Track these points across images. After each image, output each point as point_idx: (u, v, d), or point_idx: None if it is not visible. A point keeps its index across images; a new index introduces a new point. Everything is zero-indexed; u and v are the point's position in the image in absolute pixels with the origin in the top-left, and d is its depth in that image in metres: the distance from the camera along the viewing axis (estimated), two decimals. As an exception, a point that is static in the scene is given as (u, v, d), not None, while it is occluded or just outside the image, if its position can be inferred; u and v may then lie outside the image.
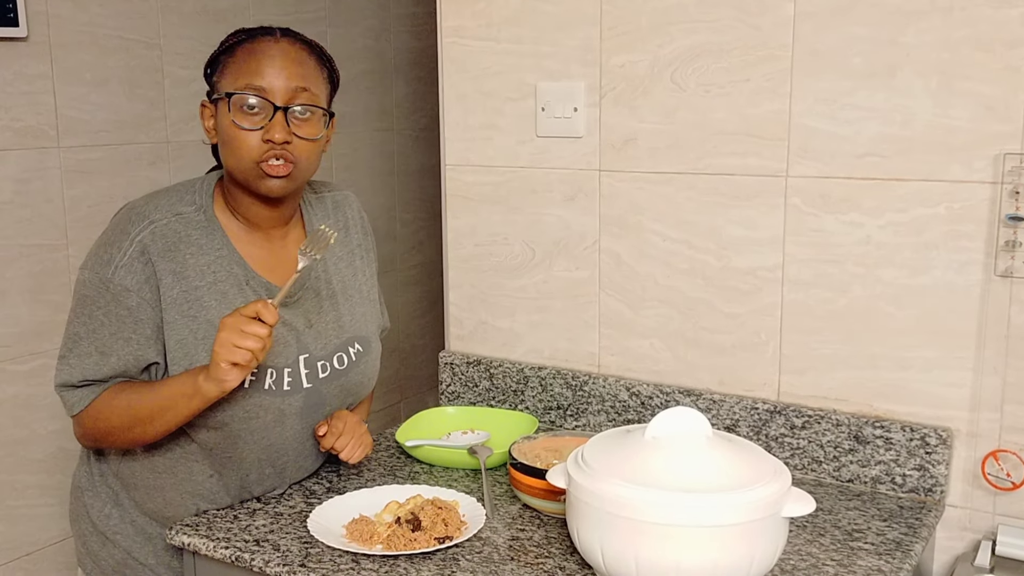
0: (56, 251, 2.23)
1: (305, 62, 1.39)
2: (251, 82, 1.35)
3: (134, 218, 1.39)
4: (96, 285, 1.37)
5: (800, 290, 1.60)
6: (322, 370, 1.48)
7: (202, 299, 1.38)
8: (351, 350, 1.52)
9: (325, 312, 1.50)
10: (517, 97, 1.82)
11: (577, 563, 1.32)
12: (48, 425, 2.25)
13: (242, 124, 1.35)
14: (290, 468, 1.53)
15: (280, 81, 1.36)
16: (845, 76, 1.52)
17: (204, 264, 1.39)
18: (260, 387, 1.41)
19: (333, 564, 1.31)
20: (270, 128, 1.35)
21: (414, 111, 3.36)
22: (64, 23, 2.20)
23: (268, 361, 1.41)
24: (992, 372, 1.48)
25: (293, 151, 1.36)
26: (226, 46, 1.41)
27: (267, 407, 1.42)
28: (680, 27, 1.63)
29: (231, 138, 1.36)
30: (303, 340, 1.46)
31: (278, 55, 1.37)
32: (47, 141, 2.19)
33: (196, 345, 1.38)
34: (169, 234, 1.38)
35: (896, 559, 1.34)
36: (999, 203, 1.44)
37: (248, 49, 1.38)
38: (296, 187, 1.42)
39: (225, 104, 1.36)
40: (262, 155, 1.35)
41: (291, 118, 1.36)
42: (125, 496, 1.52)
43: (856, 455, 1.57)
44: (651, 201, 1.71)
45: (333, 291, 1.52)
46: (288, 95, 1.36)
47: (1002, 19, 1.40)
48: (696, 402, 1.69)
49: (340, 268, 1.55)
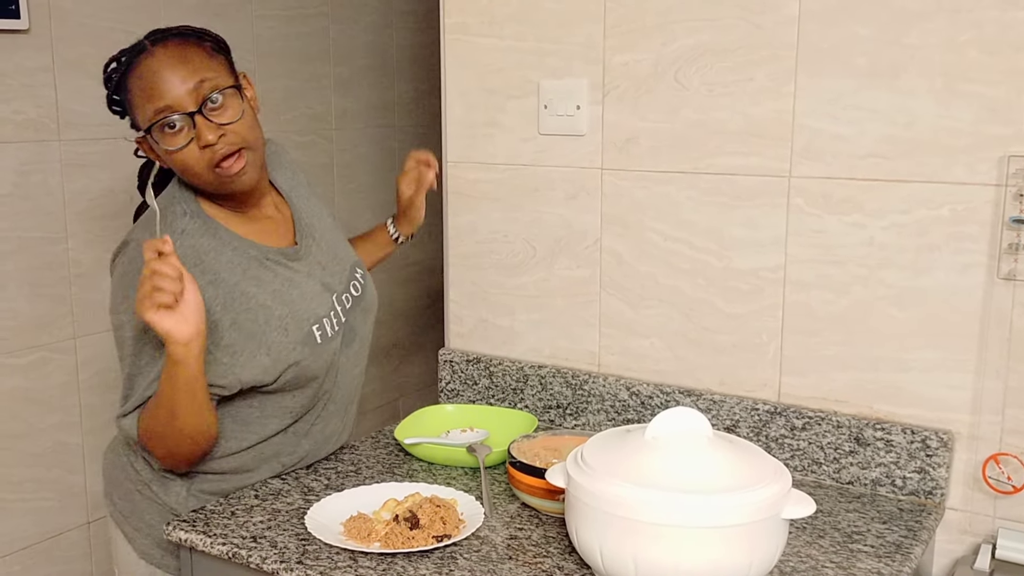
0: (56, 244, 2.23)
1: (188, 55, 1.40)
2: (156, 106, 1.37)
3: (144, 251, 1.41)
4: (129, 324, 1.41)
5: (802, 291, 1.60)
6: (347, 301, 1.59)
7: (245, 291, 1.45)
8: (357, 274, 1.64)
9: (325, 251, 1.59)
10: (520, 94, 1.81)
11: (576, 563, 1.31)
12: (46, 419, 2.24)
13: (174, 146, 1.38)
14: (344, 402, 1.63)
15: (178, 88, 1.37)
16: (849, 76, 1.51)
17: (227, 261, 1.45)
18: (326, 337, 1.52)
19: (330, 561, 1.30)
20: (199, 135, 1.37)
21: (416, 108, 3.35)
22: (66, 15, 2.19)
23: (320, 312, 1.51)
24: (994, 375, 1.47)
25: (232, 139, 1.40)
26: (115, 82, 1.43)
27: (333, 349, 1.54)
28: (684, 26, 1.63)
29: (176, 163, 1.41)
30: (326, 283, 1.56)
31: (161, 66, 1.38)
32: (47, 134, 2.18)
33: (262, 331, 1.45)
34: (187, 252, 1.41)
35: (896, 562, 1.33)
36: (1003, 205, 1.43)
37: (134, 76, 1.39)
38: (258, 166, 1.47)
39: (150, 136, 1.39)
40: (210, 161, 1.39)
41: (209, 114, 1.38)
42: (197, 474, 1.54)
43: (856, 457, 1.57)
44: (653, 200, 1.70)
45: (321, 234, 1.61)
46: (194, 96, 1.37)
47: (1008, 21, 1.40)
48: (696, 402, 1.69)
49: (310, 209, 1.62)
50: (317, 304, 1.52)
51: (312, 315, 1.51)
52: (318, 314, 1.52)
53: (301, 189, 1.64)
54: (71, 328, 2.27)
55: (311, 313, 1.51)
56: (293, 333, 1.48)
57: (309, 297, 1.52)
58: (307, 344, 1.49)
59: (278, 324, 1.46)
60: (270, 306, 1.46)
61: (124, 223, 2.34)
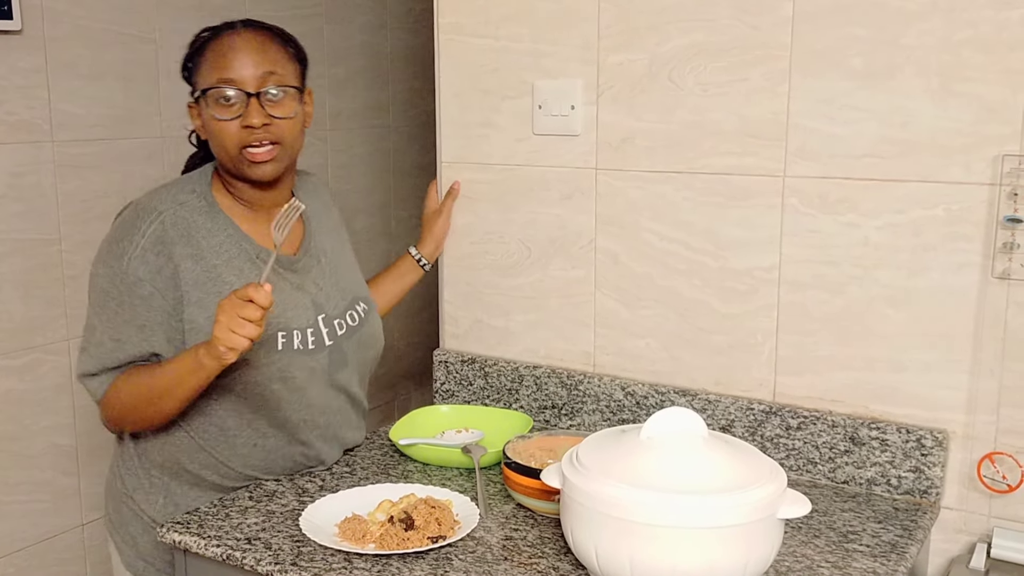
0: (49, 246, 2.22)
1: (269, 47, 1.48)
2: (221, 76, 1.44)
3: (141, 213, 1.47)
4: (110, 278, 1.45)
5: (797, 291, 1.60)
6: (339, 328, 1.58)
7: (222, 276, 1.47)
8: (358, 307, 1.64)
9: (327, 276, 1.61)
10: (514, 95, 1.81)
11: (571, 563, 1.31)
12: (40, 421, 2.23)
13: (221, 116, 1.45)
14: (333, 427, 1.61)
15: (248, 70, 1.44)
16: (844, 77, 1.51)
17: (216, 244, 1.48)
18: (290, 348, 1.50)
19: (325, 563, 1.30)
20: (247, 115, 1.44)
21: (411, 108, 3.35)
22: (59, 17, 2.19)
23: (292, 323, 1.51)
24: (988, 374, 1.47)
25: (274, 132, 1.46)
26: (195, 47, 1.50)
27: (299, 365, 1.51)
28: (678, 26, 1.63)
29: (214, 131, 1.46)
30: (317, 301, 1.56)
31: (242, 46, 1.46)
32: (41, 135, 2.18)
33: None
34: (179, 222, 1.46)
35: (891, 561, 1.33)
36: (997, 205, 1.43)
37: (214, 46, 1.47)
38: (285, 167, 1.52)
39: (203, 101, 1.46)
40: (245, 140, 1.45)
41: (265, 102, 1.45)
42: (175, 485, 1.56)
43: (851, 456, 1.57)
44: (648, 200, 1.70)
45: (330, 259, 1.63)
46: (258, 81, 1.45)
47: (1003, 21, 1.40)
48: (692, 402, 1.69)
49: (330, 240, 1.67)
50: (293, 314, 1.51)
51: (281, 321, 1.50)
52: (289, 324, 1.51)
53: (324, 220, 1.67)
54: (64, 330, 2.26)
55: (281, 319, 1.50)
56: None
57: (287, 305, 1.51)
58: (263, 347, 1.47)
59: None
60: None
61: (118, 224, 2.34)
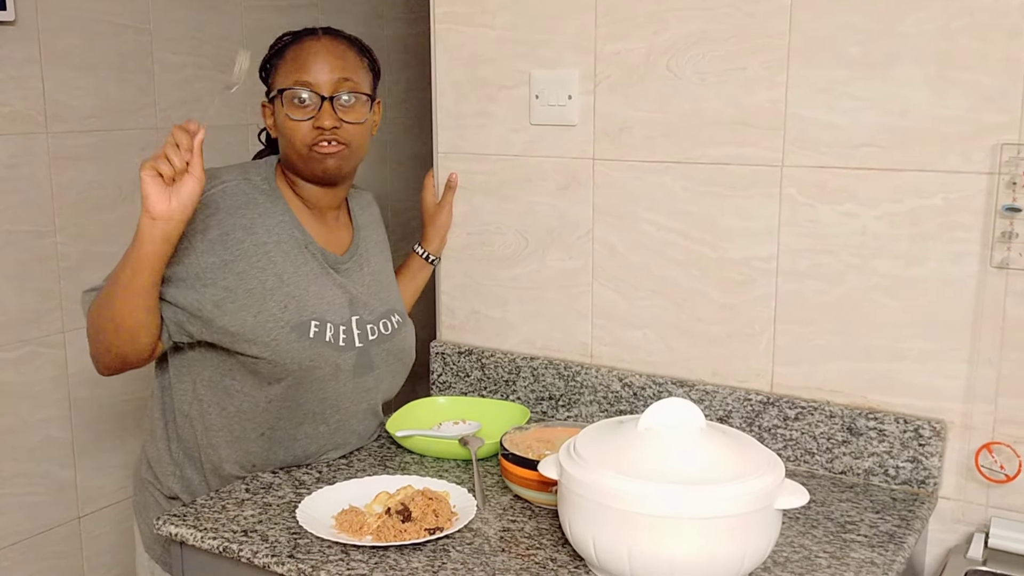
0: (44, 238, 2.21)
1: (346, 55, 1.55)
2: (299, 78, 1.51)
3: (209, 177, 1.47)
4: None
5: (795, 281, 1.59)
6: (371, 332, 1.60)
7: (270, 253, 1.50)
8: (393, 318, 1.66)
9: (368, 284, 1.64)
10: (511, 84, 1.80)
11: (569, 555, 1.31)
12: (36, 414, 2.23)
13: (295, 116, 1.51)
14: (343, 428, 1.62)
15: (324, 75, 1.51)
16: (842, 65, 1.50)
17: (271, 224, 1.52)
18: (321, 338, 1.52)
19: (322, 555, 1.30)
20: (319, 117, 1.50)
21: (407, 99, 3.33)
22: (53, 7, 2.17)
23: (327, 315, 1.54)
24: (987, 364, 1.47)
25: (343, 135, 1.52)
26: (275, 50, 1.58)
27: (326, 358, 1.53)
28: (676, 15, 1.62)
29: (287, 129, 1.52)
30: (354, 304, 1.59)
31: (321, 51, 1.53)
32: (35, 127, 2.16)
33: (265, 296, 1.48)
34: (239, 194, 1.51)
35: (889, 551, 1.33)
36: (996, 194, 1.43)
37: (294, 50, 1.54)
38: (350, 167, 1.57)
39: (279, 100, 1.53)
40: (314, 140, 1.51)
41: (337, 106, 1.52)
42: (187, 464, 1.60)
43: (849, 447, 1.56)
44: (645, 190, 1.70)
45: (373, 269, 1.67)
46: (333, 86, 1.52)
47: (1001, 8, 1.39)
48: (689, 393, 1.68)
49: (376, 253, 1.71)
50: (329, 308, 1.55)
51: (317, 311, 1.52)
52: (324, 316, 1.53)
53: (373, 234, 1.72)
54: (60, 322, 2.26)
55: (317, 309, 1.53)
56: (290, 313, 1.49)
57: (325, 298, 1.54)
58: (296, 331, 1.49)
59: (281, 298, 1.49)
60: (284, 279, 1.50)
61: (113, 216, 2.33)
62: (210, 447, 1.56)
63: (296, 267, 1.52)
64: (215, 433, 1.55)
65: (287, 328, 1.49)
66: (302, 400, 1.55)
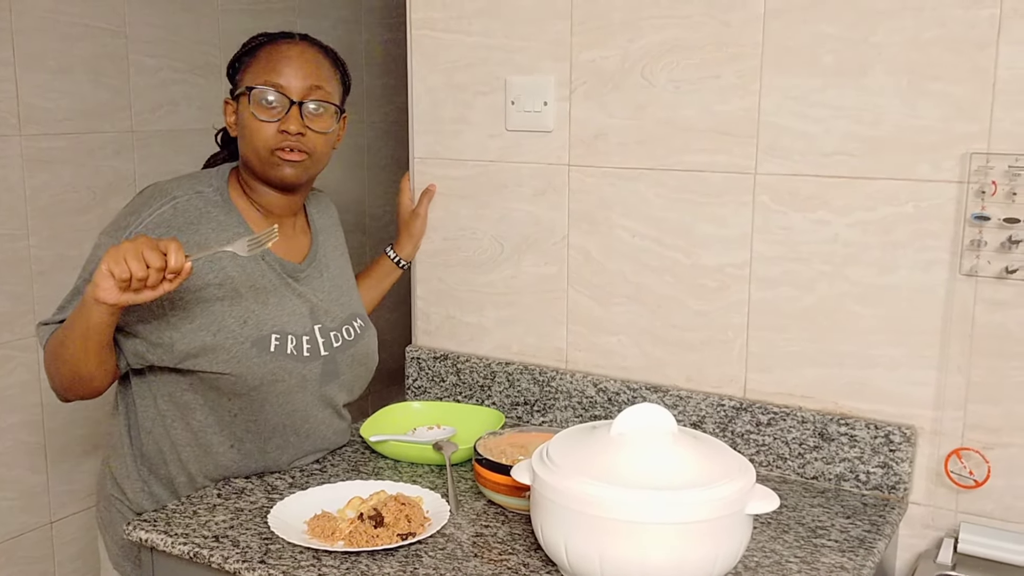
0: (16, 241, 2.19)
1: (320, 63, 1.53)
2: (270, 79, 1.49)
3: (157, 194, 1.49)
4: (105, 246, 1.43)
5: (768, 288, 1.60)
6: (335, 340, 1.59)
7: (226, 269, 1.48)
8: (355, 323, 1.65)
9: (329, 290, 1.62)
10: (487, 90, 1.80)
11: (541, 560, 1.31)
12: (7, 419, 2.21)
13: (260, 116, 1.48)
14: (313, 436, 1.60)
15: (297, 80, 1.49)
16: (815, 74, 1.52)
17: (225, 239, 1.48)
18: (283, 351, 1.51)
19: (293, 560, 1.29)
20: (286, 120, 1.48)
21: (385, 104, 3.33)
22: (27, 9, 2.16)
23: (287, 327, 1.52)
24: (956, 371, 1.49)
25: (307, 142, 1.50)
26: (248, 48, 1.55)
27: (290, 371, 1.51)
28: (651, 23, 1.63)
29: (250, 129, 1.49)
30: (316, 312, 1.57)
31: (296, 56, 1.51)
32: (8, 129, 2.15)
33: (223, 313, 1.47)
34: (191, 210, 1.48)
35: (859, 556, 1.34)
36: (965, 202, 1.44)
37: (269, 50, 1.52)
38: (309, 176, 1.56)
39: (246, 98, 1.49)
40: (278, 144, 1.48)
41: (305, 113, 1.49)
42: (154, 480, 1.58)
43: (821, 452, 1.57)
44: (620, 197, 1.70)
45: (332, 274, 1.65)
46: (303, 92, 1.49)
47: (972, 20, 1.41)
48: (663, 399, 1.69)
49: (335, 257, 1.69)
50: (290, 319, 1.53)
51: (278, 324, 1.51)
52: (285, 328, 1.52)
53: (331, 237, 1.70)
54: (32, 326, 2.23)
55: (278, 322, 1.51)
56: (249, 329, 1.47)
57: (285, 309, 1.53)
58: (256, 346, 1.48)
59: (239, 314, 1.48)
60: (242, 294, 1.48)
61: (87, 219, 2.32)
62: (178, 462, 1.54)
63: (253, 281, 1.50)
64: (183, 448, 1.53)
65: (247, 344, 1.47)
66: (269, 414, 1.53)
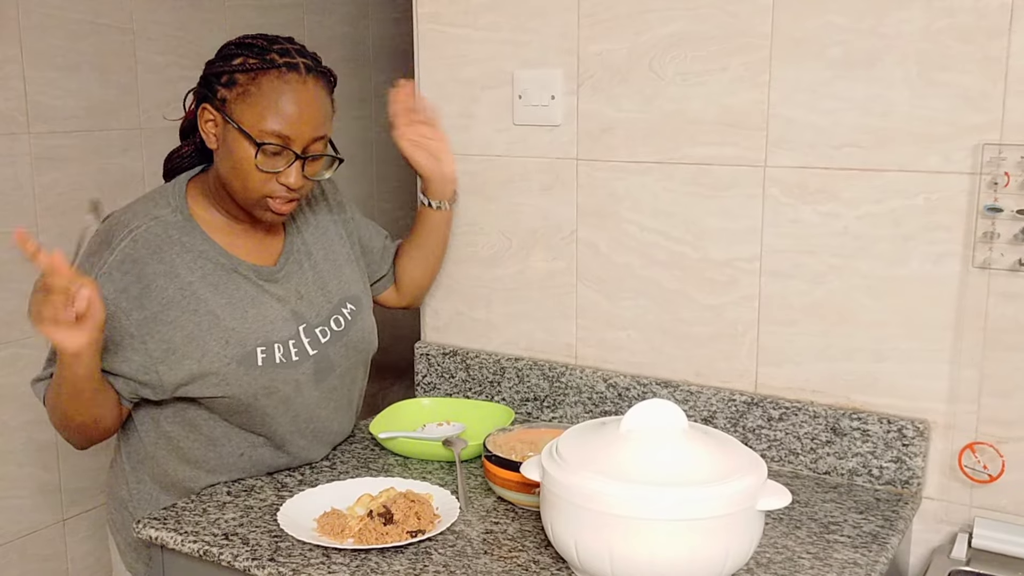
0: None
1: (325, 104, 1.46)
2: (277, 129, 1.39)
3: (114, 229, 1.44)
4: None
5: (777, 281, 1.59)
6: (322, 335, 1.55)
7: (197, 293, 1.44)
8: (345, 311, 1.60)
9: (310, 282, 1.57)
10: (494, 85, 1.79)
11: (551, 556, 1.30)
12: (19, 416, 2.21)
13: (263, 167, 1.40)
14: (325, 431, 1.60)
15: (305, 131, 1.41)
16: (824, 66, 1.50)
17: (191, 260, 1.45)
18: (272, 362, 1.48)
19: (303, 558, 1.29)
20: (287, 174, 1.42)
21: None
22: (33, 6, 2.16)
23: (272, 336, 1.48)
24: (969, 364, 1.47)
25: (303, 191, 1.46)
26: (248, 67, 1.41)
27: (283, 379, 1.49)
28: (658, 15, 1.62)
29: (245, 171, 1.41)
30: (298, 311, 1.53)
31: (304, 99, 1.41)
32: (16, 127, 2.15)
33: (204, 336, 1.44)
34: (151, 238, 1.43)
35: (872, 552, 1.33)
36: (977, 194, 1.43)
37: (274, 84, 1.40)
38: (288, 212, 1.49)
39: (243, 139, 1.40)
40: (272, 192, 1.42)
41: (307, 163, 1.44)
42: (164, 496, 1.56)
43: (833, 447, 1.56)
44: (629, 191, 1.69)
45: (315, 261, 1.60)
46: (307, 143, 1.43)
47: (982, 9, 1.39)
48: (673, 394, 1.68)
49: (317, 238, 1.62)
50: (273, 327, 1.49)
51: (261, 336, 1.48)
52: (269, 337, 1.48)
53: (312, 217, 1.63)
54: (43, 324, 2.24)
55: (260, 333, 1.48)
56: (233, 348, 1.45)
57: (267, 318, 1.49)
58: (243, 364, 1.45)
59: (220, 335, 1.44)
60: (219, 315, 1.45)
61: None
62: (190, 479, 1.53)
63: (228, 297, 1.46)
64: (192, 464, 1.52)
65: (233, 363, 1.44)
66: (273, 424, 1.52)
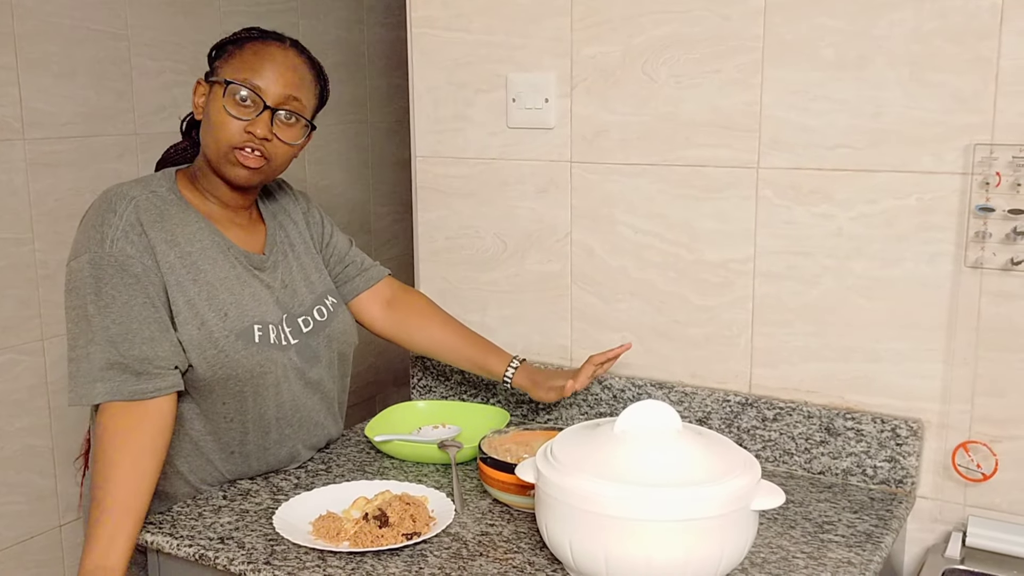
0: (21, 245, 2.19)
1: (303, 74, 1.50)
2: (250, 77, 1.45)
3: (114, 199, 1.45)
4: (96, 265, 1.39)
5: (771, 282, 1.60)
6: (304, 325, 1.57)
7: (197, 263, 1.46)
8: (326, 302, 1.62)
9: (295, 273, 1.60)
10: (488, 88, 1.80)
11: (546, 558, 1.31)
12: (15, 422, 2.21)
13: (231, 111, 1.44)
14: (307, 424, 1.60)
15: (276, 85, 1.46)
16: (816, 67, 1.51)
17: (190, 233, 1.47)
18: (267, 341, 1.49)
19: (299, 561, 1.29)
20: (255, 123, 1.45)
21: (388, 103, 3.33)
22: (29, 13, 2.16)
23: (266, 317, 1.50)
24: (962, 363, 1.48)
25: (269, 149, 1.47)
26: (237, 38, 1.52)
27: (275, 360, 1.50)
28: (651, 18, 1.62)
29: (217, 121, 1.45)
30: (282, 299, 1.55)
31: (281, 60, 1.48)
32: (12, 133, 2.15)
33: (203, 305, 1.44)
34: (151, 208, 1.46)
35: (866, 551, 1.33)
36: (969, 194, 1.43)
37: (256, 47, 1.49)
38: (259, 181, 1.52)
39: (221, 88, 1.45)
40: (240, 142, 1.45)
41: (276, 120, 1.47)
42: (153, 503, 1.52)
43: (827, 447, 1.57)
44: (623, 193, 1.70)
45: (298, 253, 1.63)
46: (279, 99, 1.46)
47: (973, 10, 1.40)
48: (668, 395, 1.69)
49: (300, 233, 1.66)
50: (266, 310, 1.51)
51: (257, 315, 1.49)
52: (264, 318, 1.50)
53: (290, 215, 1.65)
54: (39, 330, 2.24)
55: (256, 312, 1.49)
56: (231, 321, 1.46)
57: (260, 299, 1.51)
58: (241, 338, 1.46)
59: (218, 307, 1.45)
60: (216, 288, 1.46)
61: (91, 223, 2.31)
62: (178, 479, 1.51)
63: (225, 273, 1.48)
64: (181, 461, 1.50)
65: (232, 336, 1.45)
66: (263, 408, 1.51)
